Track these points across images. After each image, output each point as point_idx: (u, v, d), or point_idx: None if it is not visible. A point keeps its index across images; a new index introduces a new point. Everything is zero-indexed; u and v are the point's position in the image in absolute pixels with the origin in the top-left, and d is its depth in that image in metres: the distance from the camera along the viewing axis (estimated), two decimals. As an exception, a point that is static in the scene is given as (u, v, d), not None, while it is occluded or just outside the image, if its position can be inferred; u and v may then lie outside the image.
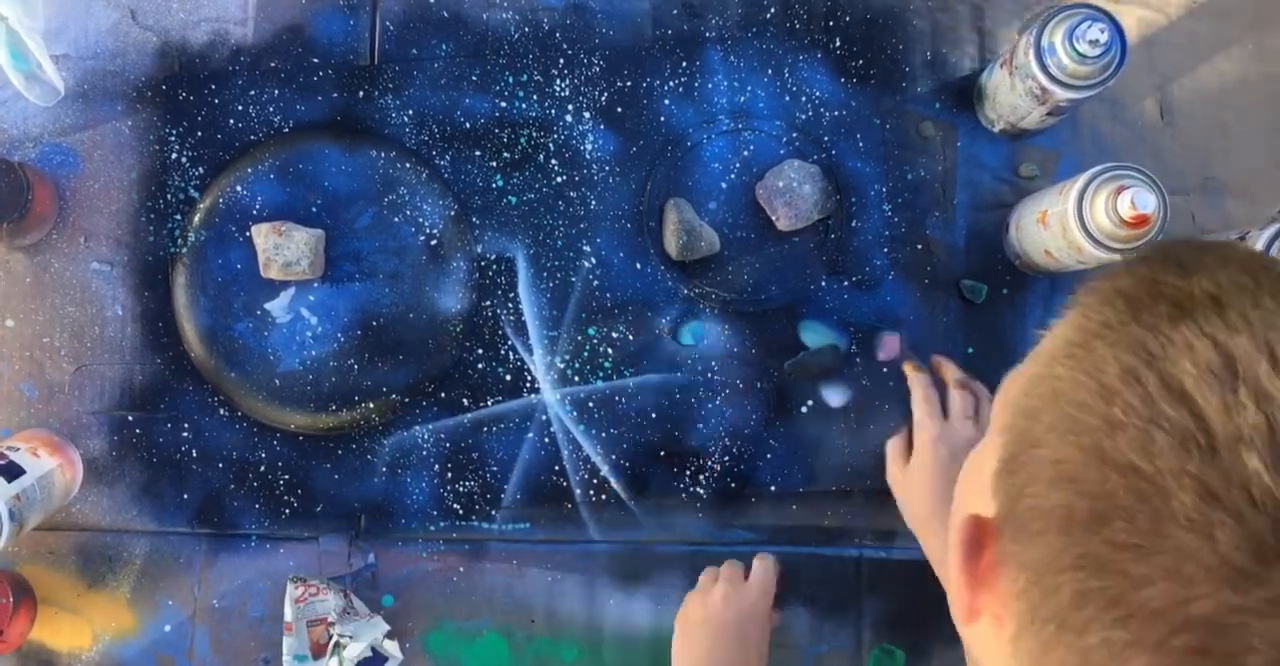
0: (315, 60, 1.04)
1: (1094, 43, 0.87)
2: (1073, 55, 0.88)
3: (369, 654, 0.97)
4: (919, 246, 1.03)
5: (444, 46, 1.04)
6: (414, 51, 1.04)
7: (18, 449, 0.95)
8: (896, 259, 1.02)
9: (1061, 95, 0.90)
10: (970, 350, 1.02)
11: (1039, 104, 0.93)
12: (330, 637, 0.97)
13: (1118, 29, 0.88)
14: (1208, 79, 1.03)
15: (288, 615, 0.98)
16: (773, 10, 1.04)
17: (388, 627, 0.98)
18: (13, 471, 0.92)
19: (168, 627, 1.02)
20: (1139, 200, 0.84)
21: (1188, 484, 0.35)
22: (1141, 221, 0.85)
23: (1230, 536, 0.34)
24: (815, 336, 1.02)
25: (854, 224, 1.02)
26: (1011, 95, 0.95)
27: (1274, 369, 0.35)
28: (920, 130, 1.03)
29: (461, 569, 1.01)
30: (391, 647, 0.98)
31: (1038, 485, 0.40)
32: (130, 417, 1.02)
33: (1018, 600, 0.40)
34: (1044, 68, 0.89)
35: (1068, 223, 0.88)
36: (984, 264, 1.03)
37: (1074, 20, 0.87)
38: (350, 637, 0.96)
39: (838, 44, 1.04)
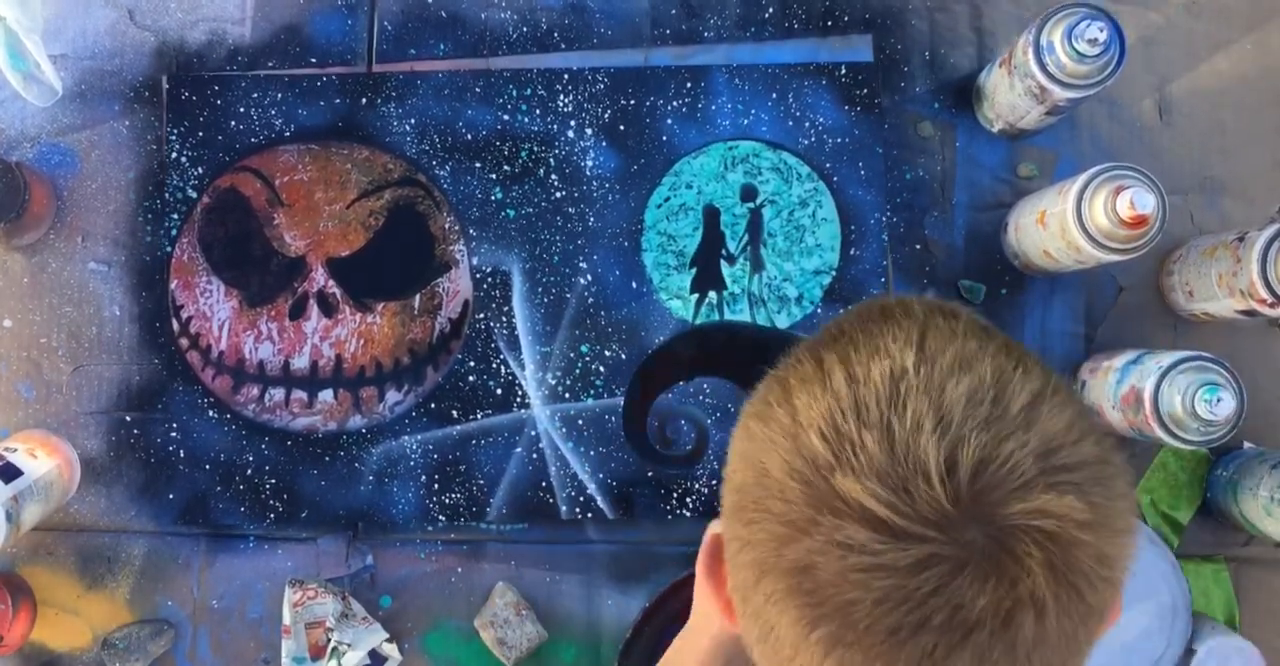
0: (313, 60, 1.04)
1: (1093, 42, 0.87)
2: (1071, 54, 0.88)
3: (368, 661, 0.98)
4: (917, 246, 1.02)
5: (442, 46, 1.04)
6: (412, 51, 1.04)
7: (15, 449, 0.95)
8: (895, 259, 1.02)
9: (1060, 94, 0.90)
10: (969, 350, 1.02)
11: (1038, 103, 0.93)
12: (328, 640, 0.97)
13: (1116, 28, 0.88)
14: (1206, 78, 1.03)
15: (286, 618, 0.98)
16: (771, 10, 1.04)
17: (386, 634, 0.98)
18: (10, 472, 0.92)
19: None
20: (1138, 200, 0.84)
21: (778, 461, 0.43)
22: (1140, 222, 0.85)
23: (801, 496, 0.42)
24: None
25: (852, 252, 1.02)
26: (1010, 95, 0.95)
27: (847, 378, 0.43)
28: (919, 130, 1.03)
29: (460, 569, 1.01)
30: (390, 649, 0.98)
31: (725, 490, 0.49)
32: (128, 418, 1.02)
33: (731, 590, 0.48)
34: (1043, 67, 0.89)
35: (1067, 223, 0.88)
36: (982, 264, 1.02)
37: (1073, 19, 0.87)
38: (349, 645, 0.96)
39: (835, 46, 1.04)
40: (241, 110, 1.04)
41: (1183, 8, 1.04)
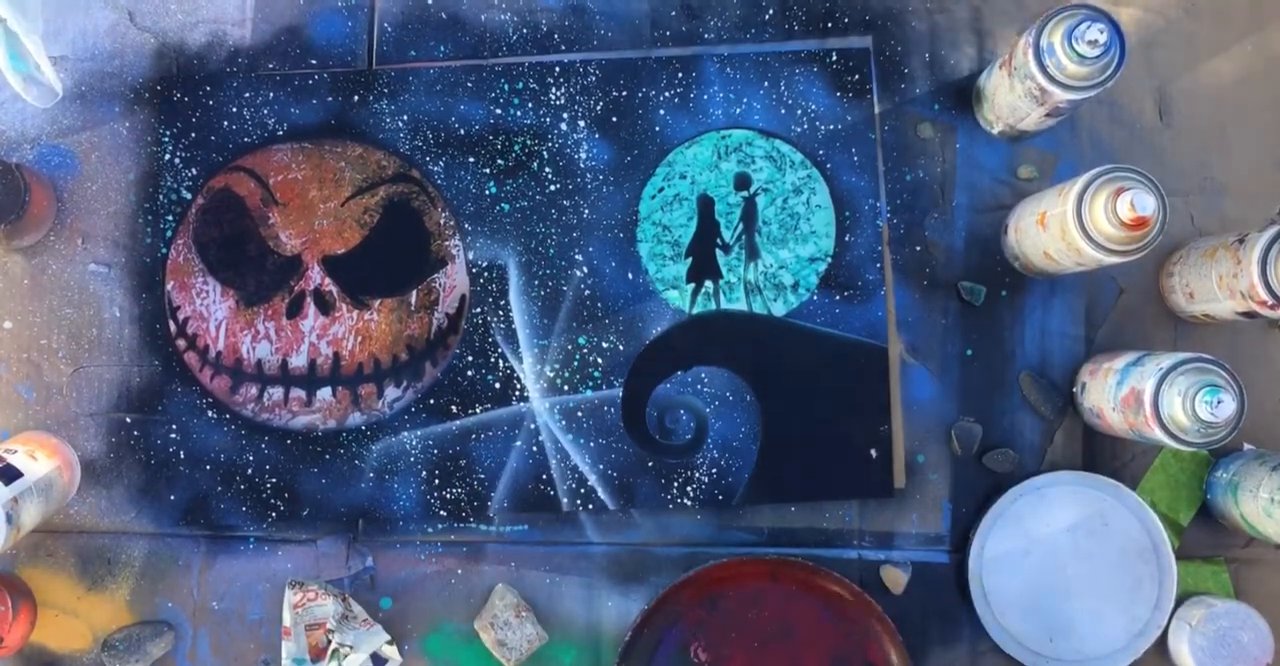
0: (313, 62, 1.04)
1: (1093, 43, 0.87)
2: (1072, 56, 0.87)
3: (369, 664, 0.98)
4: (918, 248, 1.02)
5: (442, 48, 1.04)
6: (412, 53, 1.04)
7: (15, 451, 0.95)
8: (895, 261, 1.02)
9: (1061, 96, 0.90)
10: (969, 352, 1.02)
11: (1038, 105, 0.93)
12: (329, 642, 0.97)
13: (1117, 29, 0.88)
14: (1206, 80, 1.03)
15: (286, 620, 0.98)
16: (771, 12, 1.04)
17: (387, 637, 0.98)
18: (11, 474, 0.92)
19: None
20: (1138, 202, 0.84)
21: None
22: (1141, 223, 0.85)
23: None
24: None
25: (847, 239, 1.02)
26: (1010, 96, 0.95)
27: None
28: (919, 132, 1.03)
29: (460, 571, 1.01)
30: (391, 651, 0.98)
31: None
32: (128, 419, 1.02)
33: None
34: (1043, 68, 0.89)
35: (1067, 225, 0.88)
36: (983, 265, 1.03)
37: (1073, 21, 0.87)
38: (350, 648, 0.96)
39: (835, 47, 1.04)
40: (234, 110, 1.04)
41: (1183, 10, 1.04)
